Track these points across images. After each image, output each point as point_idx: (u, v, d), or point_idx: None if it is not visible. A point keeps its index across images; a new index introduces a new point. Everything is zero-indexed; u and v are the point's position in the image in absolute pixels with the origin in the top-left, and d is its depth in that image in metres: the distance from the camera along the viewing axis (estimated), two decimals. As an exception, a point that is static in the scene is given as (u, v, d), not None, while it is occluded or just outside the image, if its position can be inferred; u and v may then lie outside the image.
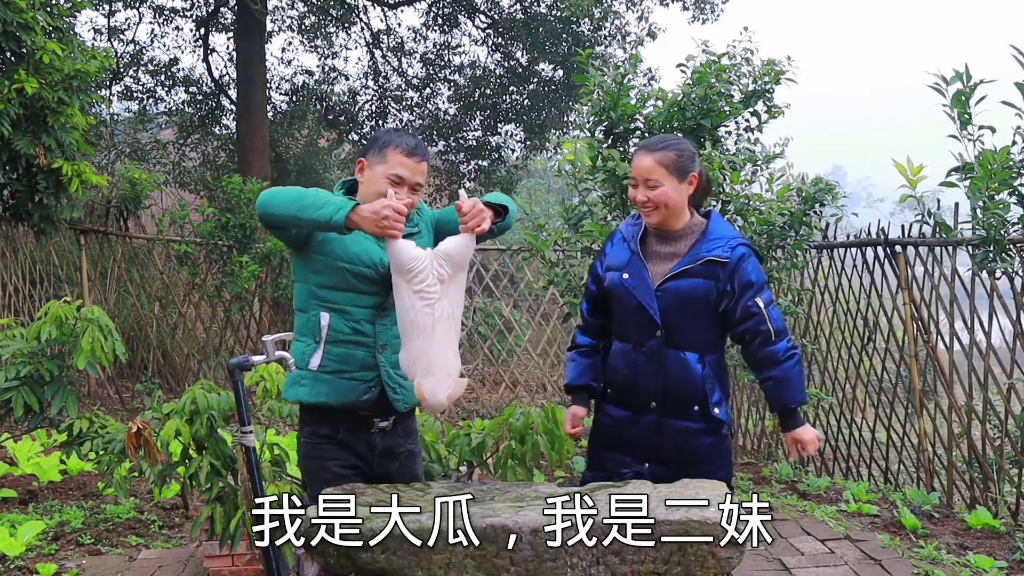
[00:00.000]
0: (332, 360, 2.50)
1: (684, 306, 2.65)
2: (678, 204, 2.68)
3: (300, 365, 2.53)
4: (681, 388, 2.68)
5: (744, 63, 4.79)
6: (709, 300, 2.64)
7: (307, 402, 2.53)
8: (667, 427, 2.70)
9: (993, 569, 3.94)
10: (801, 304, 5.92)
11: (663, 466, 2.68)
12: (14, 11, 5.54)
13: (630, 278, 2.71)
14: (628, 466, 2.76)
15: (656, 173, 2.65)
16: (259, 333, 8.49)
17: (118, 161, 13.05)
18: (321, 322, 2.50)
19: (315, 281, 2.51)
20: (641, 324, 2.70)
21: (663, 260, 2.71)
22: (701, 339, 2.68)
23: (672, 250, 2.71)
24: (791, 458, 2.69)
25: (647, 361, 2.70)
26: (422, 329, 2.31)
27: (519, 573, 2.05)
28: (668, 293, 2.66)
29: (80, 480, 5.40)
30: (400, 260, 2.31)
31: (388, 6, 14.08)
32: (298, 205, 2.32)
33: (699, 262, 2.64)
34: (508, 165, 14.55)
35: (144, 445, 3.23)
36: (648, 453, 2.73)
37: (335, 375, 2.51)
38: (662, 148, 2.69)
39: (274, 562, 2.60)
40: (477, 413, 7.93)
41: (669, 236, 2.72)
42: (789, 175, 4.77)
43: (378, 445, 2.60)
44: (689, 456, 2.69)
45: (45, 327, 3.99)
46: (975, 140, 3.89)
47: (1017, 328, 4.47)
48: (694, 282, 2.64)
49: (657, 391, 2.70)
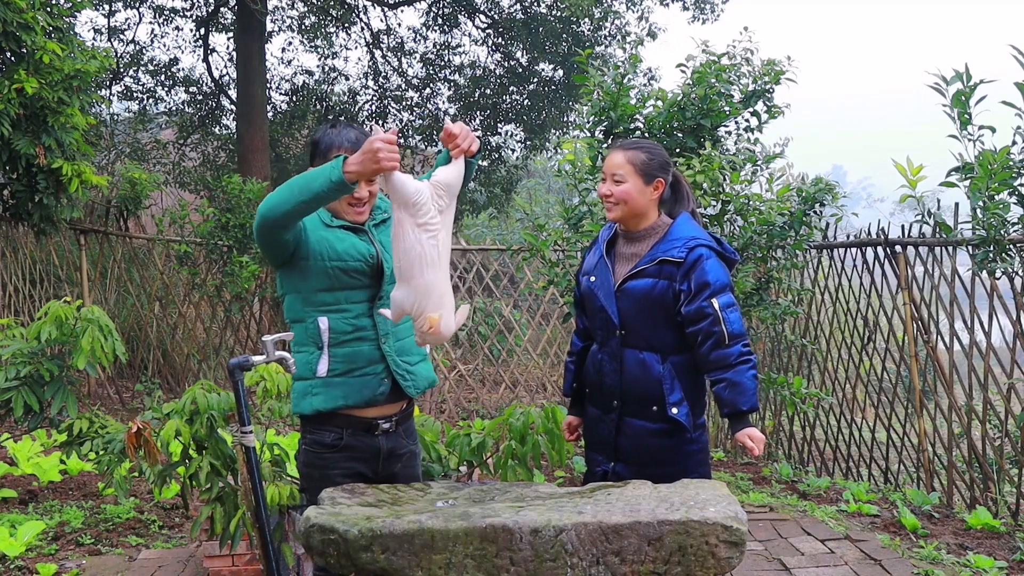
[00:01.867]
0: (339, 362, 2.48)
1: (642, 306, 2.69)
2: (639, 204, 2.73)
3: (307, 375, 2.50)
4: (639, 388, 2.71)
5: (744, 63, 4.79)
6: (666, 301, 2.66)
7: (325, 409, 2.48)
8: (626, 426, 2.75)
9: (993, 569, 3.94)
10: (801, 304, 5.92)
11: (628, 466, 2.73)
12: (14, 11, 5.54)
13: (596, 280, 2.79)
14: (600, 464, 2.83)
15: (623, 169, 2.72)
16: (259, 333, 8.49)
17: (118, 161, 13.06)
18: (320, 327, 2.47)
19: (307, 287, 2.48)
20: (604, 325, 2.77)
21: (626, 261, 2.78)
22: (661, 340, 2.70)
23: (635, 251, 2.78)
24: (754, 454, 2.66)
25: (608, 360, 2.76)
26: (430, 261, 2.25)
27: (519, 573, 2.05)
28: (626, 294, 2.72)
29: (80, 480, 5.40)
30: (404, 193, 2.22)
31: (388, 6, 14.08)
32: (294, 192, 2.27)
33: (654, 262, 2.68)
34: (508, 165, 14.56)
35: (144, 445, 3.23)
36: (614, 452, 2.78)
37: (346, 376, 2.49)
38: (635, 148, 2.77)
39: (274, 562, 2.60)
40: (477, 413, 7.93)
41: (634, 237, 2.79)
42: (789, 175, 4.77)
43: (383, 448, 2.58)
44: (648, 456, 2.71)
45: (45, 327, 3.99)
46: (975, 140, 3.89)
47: (1017, 328, 4.47)
48: (650, 282, 2.68)
49: (617, 390, 2.75)
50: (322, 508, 2.21)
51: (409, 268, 2.25)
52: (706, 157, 4.42)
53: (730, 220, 4.88)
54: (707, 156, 4.42)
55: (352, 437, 2.53)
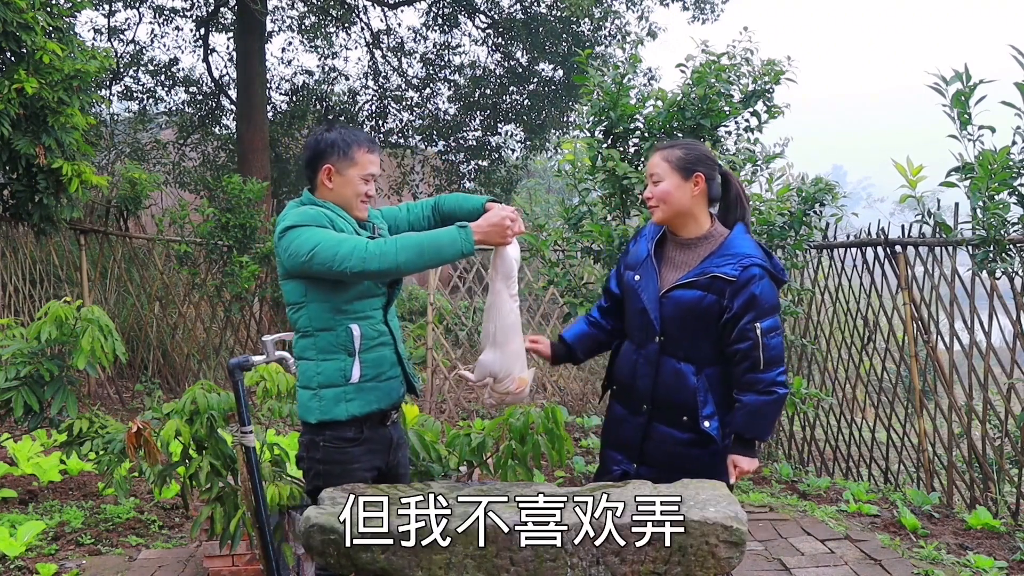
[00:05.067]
0: (369, 367, 2.59)
1: (685, 317, 2.62)
2: (680, 201, 2.65)
3: (339, 381, 2.56)
4: (673, 396, 2.66)
5: (744, 63, 4.78)
6: (711, 315, 2.59)
7: (360, 414, 2.58)
8: (655, 432, 2.71)
9: (993, 569, 3.94)
10: (801, 304, 5.92)
11: (651, 469, 2.68)
12: (14, 11, 5.54)
13: (641, 280, 2.72)
14: (619, 464, 2.79)
15: (659, 168, 2.67)
16: (259, 333, 8.49)
17: (118, 161, 13.05)
18: (353, 333, 2.55)
19: (340, 298, 2.53)
20: (643, 327, 2.71)
21: (676, 268, 2.70)
22: (700, 352, 2.64)
23: (685, 259, 2.70)
24: (731, 479, 2.62)
25: (644, 364, 2.71)
26: (518, 328, 2.51)
27: (519, 573, 2.05)
28: (671, 301, 2.64)
29: (80, 480, 5.40)
30: (509, 266, 2.48)
31: (388, 6, 14.08)
32: (424, 258, 2.39)
33: (705, 276, 2.60)
34: (508, 165, 14.56)
35: (144, 445, 3.23)
36: (637, 454, 2.75)
37: (375, 380, 2.60)
38: (670, 147, 2.71)
39: (274, 562, 2.60)
40: (477, 413, 7.92)
41: (686, 244, 2.71)
42: (789, 175, 4.77)
43: (393, 438, 2.73)
44: (675, 463, 2.64)
45: (45, 327, 3.99)
46: (975, 140, 3.89)
47: (1017, 328, 4.47)
48: (698, 295, 2.60)
49: (648, 395, 2.70)
50: (322, 508, 2.21)
51: (504, 334, 2.49)
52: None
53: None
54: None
55: (371, 430, 2.63)
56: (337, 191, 2.58)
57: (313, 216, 2.51)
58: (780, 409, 2.64)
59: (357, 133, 2.61)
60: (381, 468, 2.68)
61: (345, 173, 2.57)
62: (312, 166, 2.60)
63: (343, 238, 2.44)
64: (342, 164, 2.57)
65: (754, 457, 2.62)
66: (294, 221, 2.50)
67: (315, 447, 2.60)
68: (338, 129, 2.62)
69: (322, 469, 2.60)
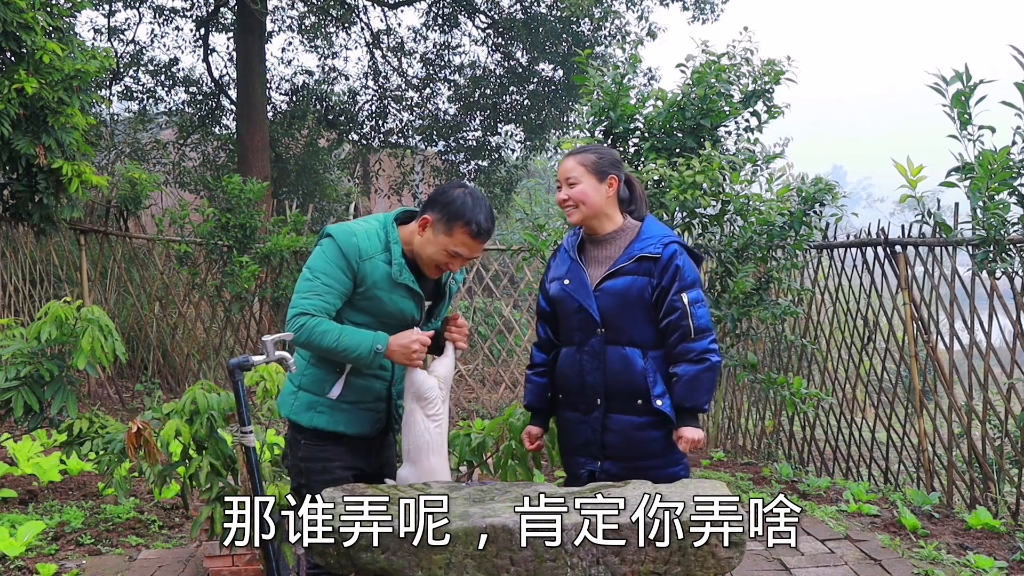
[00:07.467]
0: (352, 391, 2.59)
1: (622, 303, 2.74)
2: (597, 203, 2.79)
3: (317, 391, 2.58)
4: (623, 382, 2.76)
5: (744, 63, 4.78)
6: (645, 296, 2.73)
7: (324, 430, 2.58)
8: (613, 423, 2.78)
9: (993, 569, 3.94)
10: (801, 304, 5.92)
11: (616, 462, 2.77)
12: (14, 11, 5.54)
13: (570, 283, 2.83)
14: (583, 466, 2.85)
15: (575, 172, 2.80)
16: (259, 333, 8.49)
17: (118, 161, 13.07)
18: None
19: (348, 319, 2.54)
20: (583, 324, 2.80)
21: (600, 264, 2.83)
22: (642, 335, 2.76)
23: (607, 254, 2.83)
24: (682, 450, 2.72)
25: (590, 359, 2.79)
26: (436, 448, 2.54)
27: (519, 573, 2.05)
28: (605, 292, 2.77)
29: (80, 480, 5.40)
30: (420, 390, 2.52)
31: (388, 6, 14.09)
32: (334, 350, 2.46)
33: (632, 259, 2.74)
34: (508, 165, 14.57)
35: (144, 445, 3.23)
36: (600, 451, 2.81)
37: (353, 405, 2.60)
38: (583, 152, 2.87)
39: (274, 562, 2.60)
40: (477, 413, 7.93)
41: (603, 241, 2.84)
42: (789, 175, 4.77)
43: (377, 441, 2.72)
44: (637, 450, 2.76)
45: (45, 327, 3.99)
46: (975, 140, 3.89)
47: (1017, 328, 4.47)
48: (629, 279, 2.74)
49: (600, 387, 2.78)
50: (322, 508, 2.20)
51: (417, 453, 2.53)
52: (706, 157, 4.42)
53: (730, 220, 4.87)
54: (707, 156, 4.42)
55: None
56: (422, 244, 2.54)
57: (354, 230, 2.51)
58: (715, 377, 2.78)
59: (477, 210, 2.50)
60: (363, 468, 2.66)
61: (436, 235, 2.51)
62: (425, 206, 2.57)
63: (304, 298, 2.47)
64: (439, 226, 2.50)
65: (698, 427, 2.74)
66: (330, 232, 2.51)
67: (296, 445, 2.64)
68: (469, 192, 2.53)
69: (303, 467, 2.63)
